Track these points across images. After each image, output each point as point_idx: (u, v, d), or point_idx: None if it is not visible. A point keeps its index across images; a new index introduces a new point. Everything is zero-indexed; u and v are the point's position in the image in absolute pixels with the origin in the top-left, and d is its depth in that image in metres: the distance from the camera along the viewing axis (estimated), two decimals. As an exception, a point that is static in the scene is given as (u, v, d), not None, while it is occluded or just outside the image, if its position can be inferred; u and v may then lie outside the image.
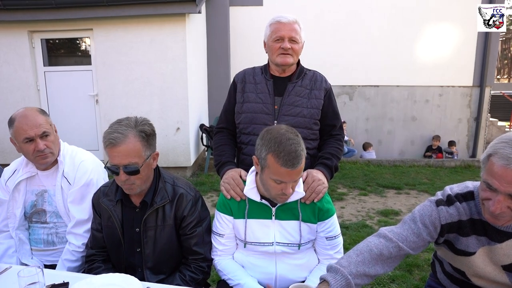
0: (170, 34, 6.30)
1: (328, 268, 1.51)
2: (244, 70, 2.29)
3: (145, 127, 1.74)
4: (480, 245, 1.53)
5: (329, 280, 1.44)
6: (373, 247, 1.54)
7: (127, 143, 1.66)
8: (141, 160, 1.71)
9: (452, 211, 1.54)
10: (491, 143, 1.37)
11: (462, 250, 1.57)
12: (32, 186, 2.12)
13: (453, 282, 1.77)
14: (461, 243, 1.57)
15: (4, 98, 6.59)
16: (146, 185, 1.83)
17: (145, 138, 1.72)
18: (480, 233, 1.52)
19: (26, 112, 1.98)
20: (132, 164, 1.68)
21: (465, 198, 1.55)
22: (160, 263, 1.89)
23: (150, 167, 1.80)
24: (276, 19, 2.10)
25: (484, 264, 1.55)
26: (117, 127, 1.68)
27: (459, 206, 1.53)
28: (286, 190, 1.65)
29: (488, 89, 8.99)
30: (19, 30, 6.38)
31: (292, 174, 1.62)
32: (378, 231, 1.62)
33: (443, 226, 1.55)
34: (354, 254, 1.53)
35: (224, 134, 2.29)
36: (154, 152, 1.81)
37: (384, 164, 8.22)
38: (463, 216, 1.53)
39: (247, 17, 8.72)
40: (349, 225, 4.65)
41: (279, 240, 1.82)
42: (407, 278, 3.32)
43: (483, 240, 1.52)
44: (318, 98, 2.16)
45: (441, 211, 1.54)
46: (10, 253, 2.09)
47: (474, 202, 1.53)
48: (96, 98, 6.72)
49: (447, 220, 1.54)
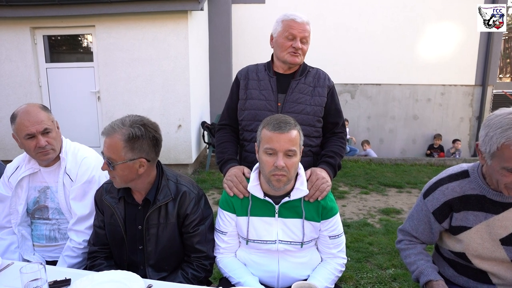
0: (172, 31, 6.29)
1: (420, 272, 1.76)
2: (247, 67, 2.28)
3: (135, 130, 1.71)
4: (477, 221, 1.63)
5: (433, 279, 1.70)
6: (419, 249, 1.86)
7: (112, 137, 1.70)
8: (119, 159, 1.70)
9: (437, 195, 1.72)
10: (493, 131, 1.44)
11: (459, 226, 1.68)
12: (34, 183, 2.12)
13: (458, 272, 1.81)
14: (455, 219, 1.68)
15: (6, 95, 6.60)
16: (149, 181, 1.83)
17: (129, 140, 1.70)
18: (476, 208, 1.63)
19: (28, 108, 1.97)
20: (109, 158, 1.71)
21: (459, 176, 1.69)
22: (162, 261, 1.89)
23: (134, 170, 1.74)
24: (291, 17, 2.08)
25: (483, 239, 1.63)
26: (114, 122, 1.75)
27: (445, 187, 1.69)
28: (278, 162, 1.64)
29: (490, 88, 8.97)
30: (21, 27, 6.38)
31: (280, 139, 1.65)
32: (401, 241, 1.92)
33: (434, 212, 1.73)
34: (417, 260, 1.82)
35: (227, 131, 2.28)
36: (139, 158, 1.73)
37: (386, 162, 8.21)
38: (450, 195, 1.68)
39: (249, 15, 8.71)
40: (350, 223, 4.65)
41: (282, 238, 1.82)
42: (409, 277, 3.32)
43: (480, 215, 1.62)
44: (321, 96, 2.15)
45: (428, 202, 1.76)
46: (12, 249, 2.09)
47: (468, 179, 1.66)
48: (98, 95, 6.72)
49: (434, 206, 1.72)
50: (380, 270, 3.47)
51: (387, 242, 4.03)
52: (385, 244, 3.99)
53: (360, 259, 3.66)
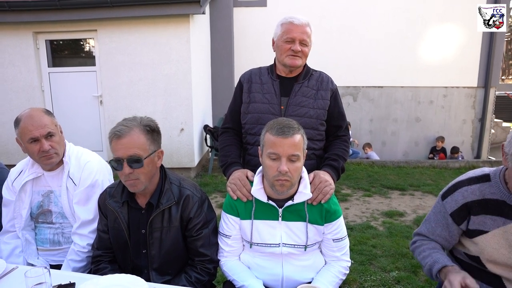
0: (174, 35, 6.31)
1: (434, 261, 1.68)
2: (250, 70, 2.28)
3: (150, 123, 1.78)
4: (495, 226, 1.60)
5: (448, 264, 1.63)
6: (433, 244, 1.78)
7: (132, 134, 1.70)
8: (145, 153, 1.72)
9: (456, 196, 1.68)
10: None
11: (475, 230, 1.65)
12: (38, 187, 2.13)
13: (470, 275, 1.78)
14: (473, 223, 1.65)
15: (8, 99, 6.62)
16: (152, 185, 1.83)
17: (149, 132, 1.76)
18: (495, 213, 1.60)
19: (31, 113, 1.98)
20: (136, 155, 1.69)
21: (479, 180, 1.66)
22: (166, 264, 1.89)
23: (154, 164, 1.80)
24: (289, 19, 2.09)
25: (499, 245, 1.60)
26: (122, 122, 1.74)
27: (466, 189, 1.66)
28: (281, 167, 1.64)
29: (493, 90, 8.95)
30: (24, 32, 6.41)
31: (284, 144, 1.64)
32: (417, 240, 1.86)
33: (452, 214, 1.69)
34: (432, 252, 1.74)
35: (230, 135, 2.28)
36: (159, 150, 1.82)
37: (388, 165, 8.19)
38: (469, 197, 1.64)
39: (251, 18, 8.73)
40: (353, 226, 4.64)
41: (285, 241, 1.82)
42: (413, 279, 3.31)
43: (499, 220, 1.59)
44: (325, 99, 2.15)
45: (446, 203, 1.71)
46: (17, 253, 2.09)
47: (489, 183, 1.63)
48: (100, 99, 6.74)
49: (452, 208, 1.68)
50: (383, 273, 3.46)
51: (390, 245, 4.02)
52: (388, 246, 3.98)
53: (363, 261, 3.65)
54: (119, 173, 1.74)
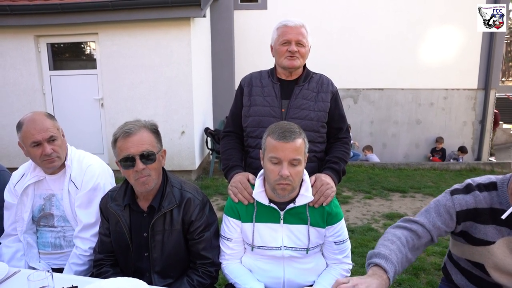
0: (175, 38, 6.32)
1: (374, 254, 1.51)
2: (250, 74, 2.30)
3: (154, 125, 1.85)
4: (500, 236, 1.57)
5: (385, 266, 1.44)
6: (400, 235, 1.60)
7: (142, 132, 1.76)
8: (155, 150, 1.78)
9: (468, 198, 1.61)
10: None
11: (481, 239, 1.61)
12: (40, 190, 2.13)
13: (471, 282, 1.76)
14: (479, 231, 1.61)
15: (10, 102, 6.64)
16: (158, 183, 1.84)
17: (155, 132, 1.82)
18: (501, 223, 1.57)
19: (34, 116, 1.99)
20: (148, 150, 1.74)
21: (487, 187, 1.61)
22: (168, 268, 1.89)
23: (161, 162, 1.85)
24: (283, 23, 2.12)
25: (504, 255, 1.58)
26: (128, 123, 1.79)
27: (478, 194, 1.60)
28: (283, 171, 1.64)
29: (493, 92, 8.95)
30: (25, 35, 6.43)
31: (285, 148, 1.64)
32: (397, 222, 1.70)
33: (458, 213, 1.62)
34: (388, 243, 1.56)
35: (232, 138, 2.29)
36: (163, 149, 1.87)
37: (389, 167, 8.20)
38: (481, 204, 1.59)
39: (251, 21, 8.75)
40: (354, 228, 4.64)
41: (287, 244, 1.82)
42: (414, 282, 3.31)
43: (504, 230, 1.57)
44: (325, 101, 2.16)
45: (456, 199, 1.63)
46: (18, 257, 2.09)
47: (496, 192, 1.59)
48: (101, 102, 6.74)
49: (462, 207, 1.61)
50: (385, 276, 3.45)
51: (391, 247, 4.01)
52: (389, 249, 3.97)
53: (364, 264, 3.63)
54: (128, 172, 1.75)
